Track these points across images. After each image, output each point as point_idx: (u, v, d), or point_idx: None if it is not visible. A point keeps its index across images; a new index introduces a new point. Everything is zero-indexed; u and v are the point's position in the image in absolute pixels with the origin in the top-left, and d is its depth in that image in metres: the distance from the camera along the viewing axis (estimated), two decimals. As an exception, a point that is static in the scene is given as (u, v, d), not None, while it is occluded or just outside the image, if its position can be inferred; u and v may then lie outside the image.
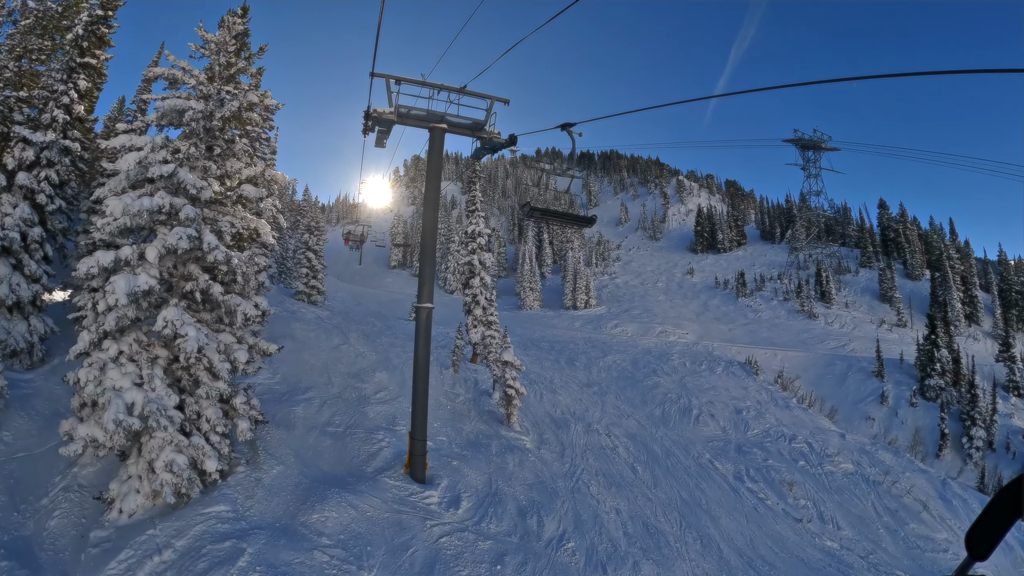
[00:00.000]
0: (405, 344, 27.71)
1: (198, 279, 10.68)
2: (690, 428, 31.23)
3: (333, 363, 20.56)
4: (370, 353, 23.20)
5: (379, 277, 69.02)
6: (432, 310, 13.24)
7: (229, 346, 11.31)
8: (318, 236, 32.17)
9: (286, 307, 27.04)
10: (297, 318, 24.98)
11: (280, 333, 21.45)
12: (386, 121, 12.79)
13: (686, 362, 40.09)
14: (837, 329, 54.71)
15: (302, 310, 27.81)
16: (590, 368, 37.08)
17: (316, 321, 25.69)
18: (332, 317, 29.41)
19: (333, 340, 23.20)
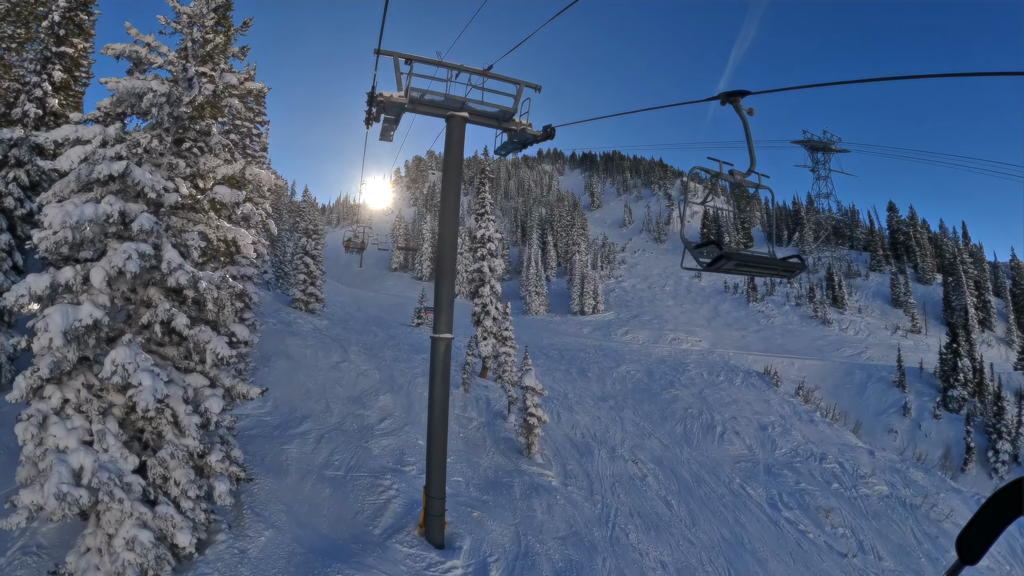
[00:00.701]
0: (410, 357, 25.25)
1: (158, 307, 8.19)
2: (715, 447, 29.04)
3: (332, 385, 18.09)
4: (372, 371, 20.73)
5: (380, 280, 66.46)
6: (451, 341, 10.79)
7: (200, 391, 8.83)
8: (316, 240, 29.68)
9: (281, 317, 24.54)
10: (293, 331, 22.49)
11: (273, 350, 18.97)
12: (394, 108, 10.33)
13: (703, 373, 37.77)
14: (852, 336, 52.47)
15: (299, 320, 25.33)
16: (603, 379, 34.71)
17: (314, 334, 23.23)
18: (331, 327, 26.92)
19: (332, 356, 20.72)
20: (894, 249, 70.33)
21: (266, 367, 16.80)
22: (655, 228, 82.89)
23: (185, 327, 8.30)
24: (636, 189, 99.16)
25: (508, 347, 20.59)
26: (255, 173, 9.77)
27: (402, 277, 69.09)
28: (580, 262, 54.86)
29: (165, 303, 8.20)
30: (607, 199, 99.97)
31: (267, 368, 16.74)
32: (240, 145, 18.98)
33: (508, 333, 20.82)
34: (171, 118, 9.06)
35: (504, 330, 20.88)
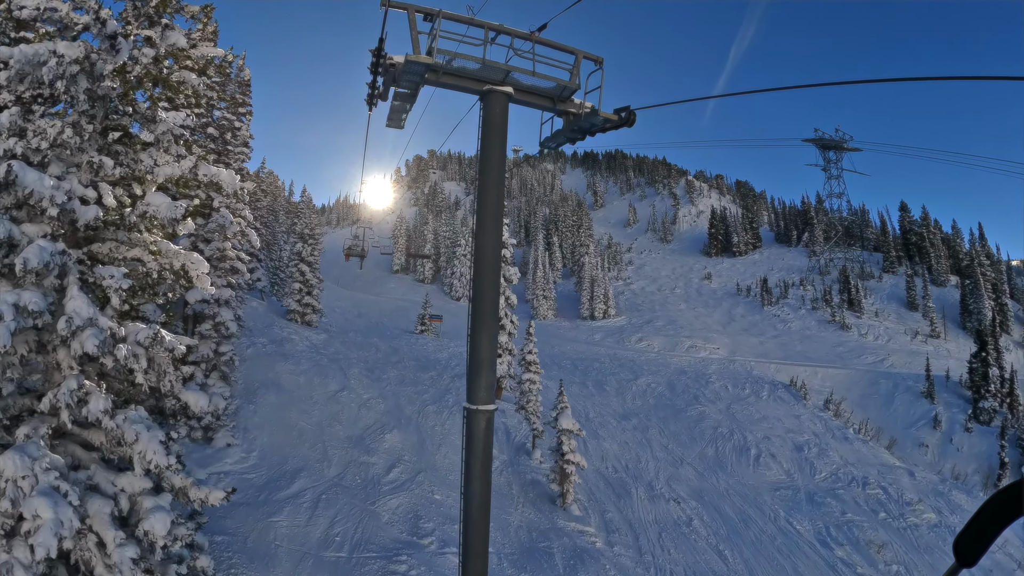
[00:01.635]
0: (416, 377, 22.30)
1: (59, 386, 5.17)
2: (751, 472, 26.41)
3: (330, 423, 15.12)
4: (376, 400, 17.76)
5: (381, 282, 63.33)
6: (494, 413, 7.73)
7: (137, 501, 5.83)
8: (313, 245, 26.63)
9: (273, 334, 21.51)
10: (285, 352, 19.48)
11: (261, 380, 15.96)
12: (410, 78, 7.22)
13: (727, 385, 34.98)
14: (872, 341, 49.81)
15: (293, 337, 22.32)
16: (623, 393, 31.88)
17: (309, 354, 20.23)
18: (329, 342, 23.93)
19: (329, 384, 17.74)
20: (906, 250, 67.70)
21: (251, 404, 13.82)
22: (660, 228, 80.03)
23: (104, 413, 5.27)
24: (640, 188, 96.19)
25: (532, 373, 17.64)
26: (212, 173, 6.73)
27: (403, 280, 65.98)
28: (589, 264, 51.93)
29: (72, 379, 5.15)
30: (610, 198, 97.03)
31: (253, 406, 13.76)
32: (221, 140, 15.88)
33: (532, 357, 17.85)
34: (92, 97, 6.01)
35: (528, 352, 17.90)
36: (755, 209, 77.42)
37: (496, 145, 7.63)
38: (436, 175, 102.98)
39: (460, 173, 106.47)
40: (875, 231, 71.94)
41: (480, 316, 7.61)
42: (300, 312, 25.50)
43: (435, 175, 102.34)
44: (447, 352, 30.44)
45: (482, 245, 7.66)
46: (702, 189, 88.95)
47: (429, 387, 20.82)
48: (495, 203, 7.69)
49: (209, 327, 12.70)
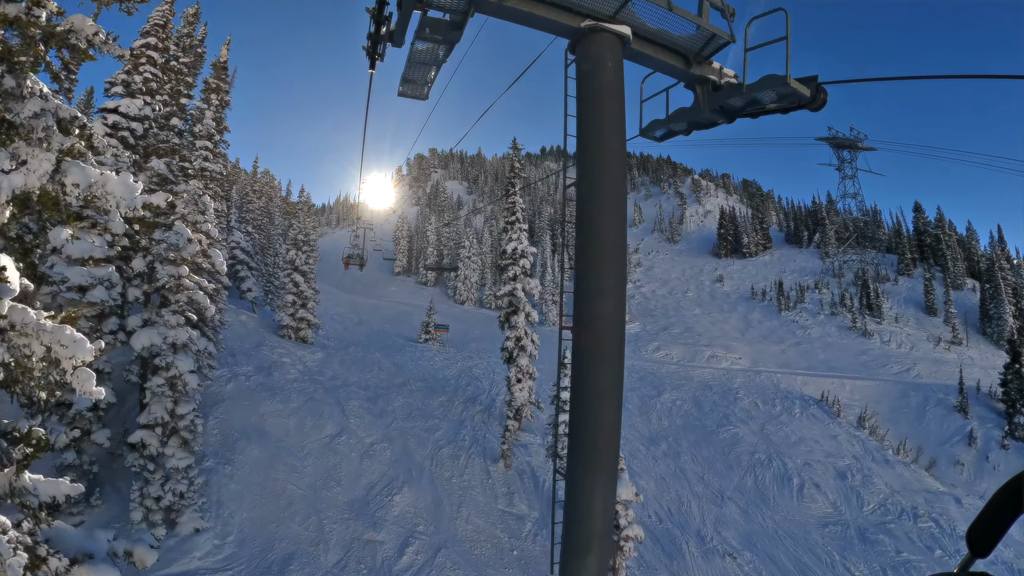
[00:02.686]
0: (425, 404, 19.12)
1: None
2: (796, 506, 23.55)
3: (325, 483, 11.95)
4: (380, 445, 14.61)
5: (382, 285, 59.99)
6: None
7: None
8: (308, 252, 23.38)
9: (261, 359, 18.26)
10: (273, 384, 16.24)
11: (243, 427, 12.76)
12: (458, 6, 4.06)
13: (757, 402, 31.98)
14: (895, 349, 46.87)
15: (284, 359, 19.09)
16: (647, 412, 28.81)
17: (301, 384, 17.01)
18: (326, 363, 20.74)
19: (325, 426, 14.55)
20: (920, 252, 64.82)
21: (228, 464, 10.67)
22: (667, 228, 76.93)
23: None
24: (645, 187, 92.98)
25: (567, 413, 14.47)
26: (90, 182, 3.47)
27: (405, 282, 62.64)
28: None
29: None
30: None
31: (229, 467, 10.61)
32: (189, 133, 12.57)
33: (565, 385, 14.66)
34: None
35: (564, 388, 14.72)
36: (764, 209, 74.37)
37: (611, 114, 4.38)
38: (438, 174, 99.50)
39: (462, 172, 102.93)
40: (887, 232, 69.07)
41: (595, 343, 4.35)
42: (294, 327, 22.27)
43: (437, 174, 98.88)
44: (455, 368, 27.29)
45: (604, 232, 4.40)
46: (708, 188, 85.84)
47: (440, 419, 17.66)
48: (615, 190, 4.46)
49: (162, 382, 9.51)
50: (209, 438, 11.46)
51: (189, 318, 9.89)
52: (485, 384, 25.12)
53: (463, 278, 56.39)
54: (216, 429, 11.92)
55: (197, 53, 14.75)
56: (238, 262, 25.99)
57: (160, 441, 9.31)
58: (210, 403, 12.98)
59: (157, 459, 9.34)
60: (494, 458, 15.52)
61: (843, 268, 61.34)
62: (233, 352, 16.97)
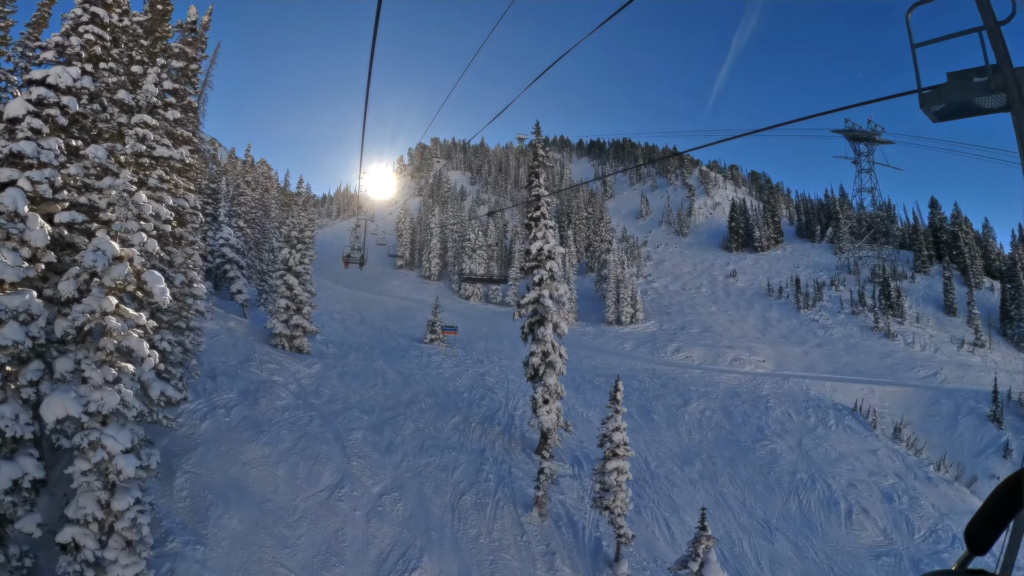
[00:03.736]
0: (439, 431, 16.29)
1: None
2: (845, 534, 21.11)
3: (325, 561, 9.20)
4: (390, 495, 11.83)
5: (384, 279, 56.89)
6: None
7: None
8: (303, 251, 20.38)
9: (249, 377, 15.32)
10: (259, 417, 13.30)
11: (219, 485, 9.89)
12: None
13: (790, 412, 29.35)
14: (919, 352, 44.20)
15: (276, 377, 16.16)
16: (675, 424, 26.10)
17: (293, 413, 14.10)
18: (324, 378, 17.85)
19: (322, 473, 11.71)
20: (936, 249, 62.00)
21: (200, 543, 7.87)
22: (676, 220, 73.89)
23: None
24: (651, 178, 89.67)
25: (620, 459, 11.60)
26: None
27: (408, 276, 59.54)
28: (614, 263, 45.75)
29: None
30: (619, 188, 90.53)
31: (202, 547, 7.81)
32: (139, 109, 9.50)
33: (621, 436, 11.79)
34: None
35: (613, 429, 11.85)
36: (774, 202, 71.31)
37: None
38: (440, 164, 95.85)
39: (465, 162, 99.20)
40: (901, 228, 66.20)
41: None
42: (288, 336, 19.34)
43: (439, 164, 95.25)
44: (466, 376, 24.45)
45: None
46: (717, 180, 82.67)
47: (458, 449, 14.84)
48: None
49: (88, 467, 6.56)
50: (175, 506, 8.64)
51: (123, 369, 6.90)
52: (500, 395, 22.32)
53: (468, 271, 53.30)
54: (185, 490, 9.10)
55: (157, 11, 11.60)
56: (227, 261, 22.99)
57: (98, 541, 6.51)
58: (179, 451, 10.13)
59: (97, 565, 6.54)
60: (526, 504, 12.72)
61: (859, 264, 58.55)
62: (214, 373, 14.07)
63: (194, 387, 12.61)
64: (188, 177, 14.73)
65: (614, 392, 12.56)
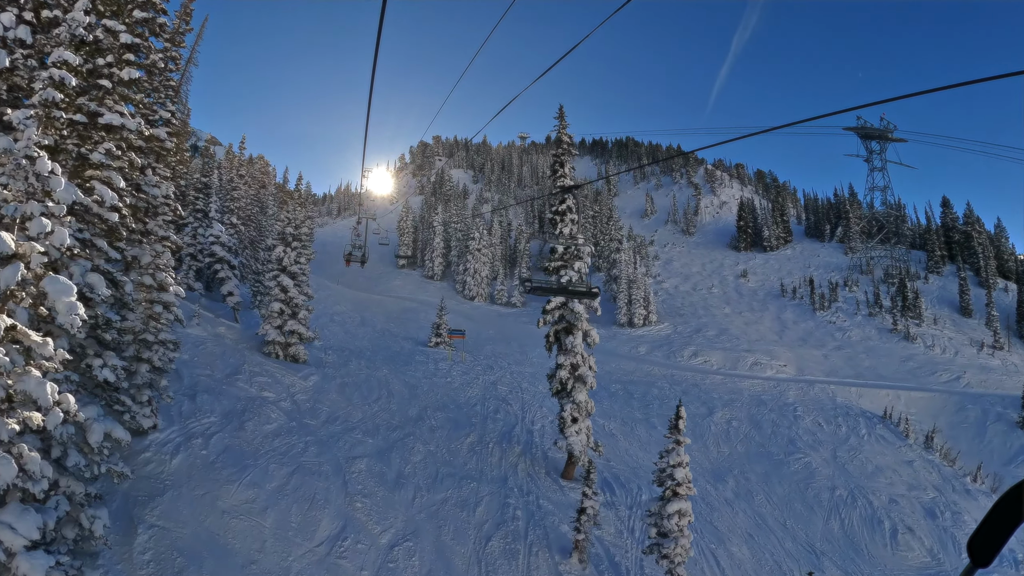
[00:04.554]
0: (454, 454, 14.18)
1: None
2: (891, 556, 19.36)
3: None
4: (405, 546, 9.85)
5: (386, 279, 54.70)
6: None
7: None
8: (300, 249, 18.24)
9: (236, 393, 13.17)
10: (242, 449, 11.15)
11: (191, 542, 7.92)
12: None
13: (820, 421, 27.34)
14: (939, 355, 42.22)
15: (267, 392, 14.04)
16: (702, 436, 24.08)
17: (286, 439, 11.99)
18: (322, 391, 15.73)
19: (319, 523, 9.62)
20: (948, 249, 60.10)
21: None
22: (682, 219, 71.85)
23: None
24: (655, 177, 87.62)
25: (681, 499, 9.51)
26: None
27: (410, 276, 57.34)
28: (625, 263, 43.71)
29: None
30: (623, 187, 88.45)
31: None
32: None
33: (684, 472, 9.71)
34: None
35: (674, 464, 9.75)
36: (782, 201, 69.31)
37: None
38: (442, 162, 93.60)
39: (467, 160, 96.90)
40: (911, 228, 64.25)
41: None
42: (282, 343, 17.19)
43: (441, 162, 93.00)
44: (477, 385, 22.35)
45: None
46: (723, 179, 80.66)
47: (477, 479, 12.76)
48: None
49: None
50: (136, 574, 6.51)
51: (28, 421, 4.68)
52: (515, 407, 20.21)
53: (473, 272, 51.19)
54: (149, 552, 7.00)
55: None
56: (217, 260, 20.84)
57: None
58: (142, 497, 8.01)
59: None
60: (562, 548, 10.62)
61: (871, 264, 56.59)
62: (194, 390, 11.93)
63: (166, 411, 10.49)
64: (166, 163, 12.59)
65: (675, 420, 10.46)
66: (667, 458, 10.10)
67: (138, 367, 9.44)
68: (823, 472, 22.76)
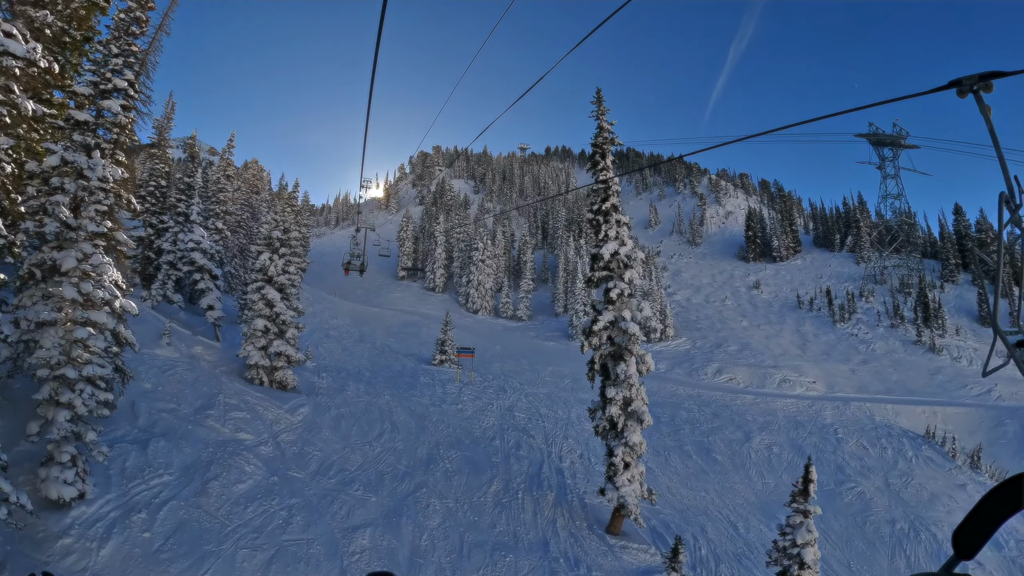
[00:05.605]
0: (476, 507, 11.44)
1: None
2: None
3: None
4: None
5: (385, 291, 51.93)
6: None
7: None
8: (289, 255, 15.56)
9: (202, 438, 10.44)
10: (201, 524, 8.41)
11: None
12: None
13: (863, 443, 24.69)
14: (966, 367, 39.72)
15: (243, 432, 11.29)
16: (742, 464, 21.31)
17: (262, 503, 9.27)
18: (312, 434, 12.93)
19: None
20: (962, 257, 58.03)
21: None
22: (688, 230, 69.64)
23: None
24: (658, 187, 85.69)
25: None
26: None
27: (411, 288, 54.56)
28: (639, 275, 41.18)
29: None
30: (625, 197, 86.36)
31: None
32: None
33: (807, 537, 7.03)
34: None
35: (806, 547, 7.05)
36: (790, 211, 67.29)
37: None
38: (443, 172, 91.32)
39: (468, 170, 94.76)
40: (922, 236, 62.25)
41: None
42: (267, 368, 14.45)
43: (441, 172, 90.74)
44: (492, 413, 19.56)
45: None
46: (727, 188, 78.71)
47: (513, 548, 10.05)
48: None
49: None
50: None
51: None
52: (538, 439, 17.45)
53: (476, 284, 48.52)
54: None
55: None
56: (197, 269, 18.12)
57: None
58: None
59: None
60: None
61: (884, 274, 54.34)
62: (149, 434, 9.17)
63: (103, 471, 7.73)
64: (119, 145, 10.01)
65: (803, 483, 7.79)
66: (793, 534, 7.43)
67: (55, 415, 6.77)
68: (879, 503, 20.07)
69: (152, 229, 21.79)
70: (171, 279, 19.92)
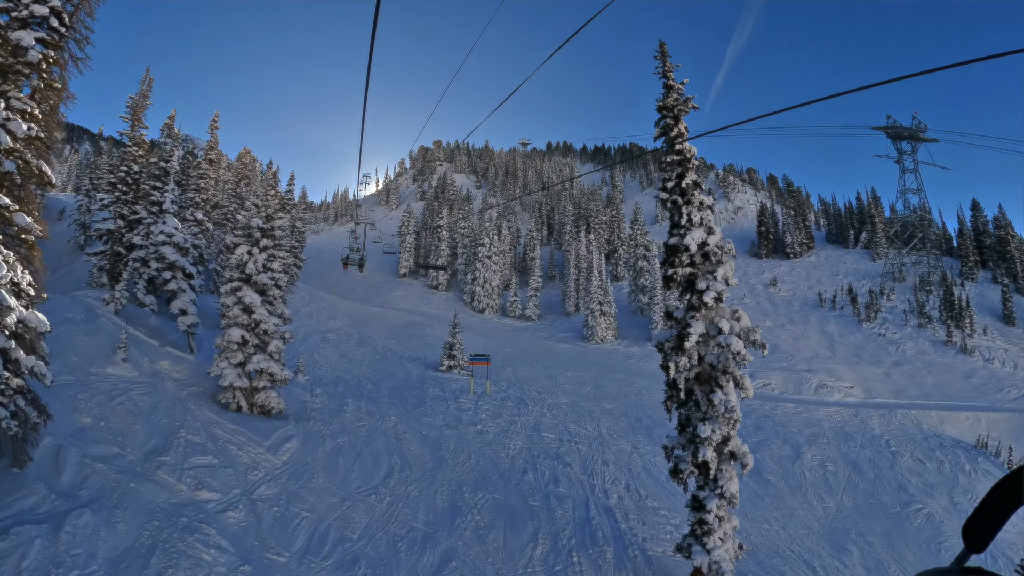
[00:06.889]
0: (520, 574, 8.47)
1: None
2: None
3: None
4: None
5: (386, 289, 48.87)
6: None
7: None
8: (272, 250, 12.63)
9: (151, 492, 7.56)
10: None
11: None
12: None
13: (918, 456, 22.04)
14: (999, 368, 37.16)
15: (207, 486, 8.47)
16: (797, 485, 18.58)
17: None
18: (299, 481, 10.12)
19: None
20: (980, 254, 55.56)
21: None
22: (696, 226, 66.75)
23: None
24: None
25: None
26: None
27: (412, 285, 51.53)
28: (657, 272, 38.45)
29: None
30: (630, 193, 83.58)
31: None
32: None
33: None
34: None
35: None
36: (801, 206, 64.69)
37: None
38: (444, 167, 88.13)
39: (470, 165, 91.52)
40: (937, 232, 59.73)
41: None
42: (245, 389, 11.53)
43: (443, 167, 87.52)
44: (517, 433, 16.70)
45: None
46: (736, 184, 75.95)
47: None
48: None
49: None
50: None
51: None
52: (576, 467, 14.61)
53: (483, 282, 45.53)
54: None
55: None
56: (167, 266, 15.12)
57: None
58: None
59: None
60: None
61: (903, 271, 51.76)
62: (73, 498, 6.27)
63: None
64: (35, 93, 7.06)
65: None
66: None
67: None
68: (949, 526, 17.38)
69: (123, 221, 18.72)
70: (141, 278, 16.89)
